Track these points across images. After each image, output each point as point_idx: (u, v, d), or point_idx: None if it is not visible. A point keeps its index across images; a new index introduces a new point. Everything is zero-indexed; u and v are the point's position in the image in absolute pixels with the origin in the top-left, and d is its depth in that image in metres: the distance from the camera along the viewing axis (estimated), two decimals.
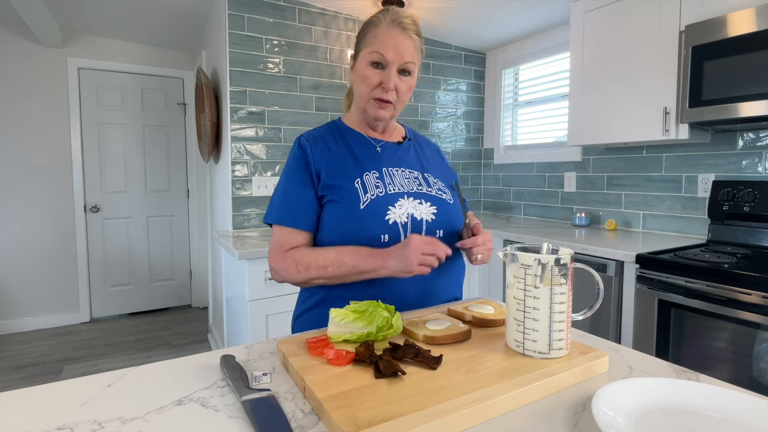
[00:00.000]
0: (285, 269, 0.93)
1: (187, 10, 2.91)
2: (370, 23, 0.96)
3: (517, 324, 0.70)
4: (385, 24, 0.94)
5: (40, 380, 2.67)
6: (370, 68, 0.94)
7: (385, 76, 0.94)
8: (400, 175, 0.99)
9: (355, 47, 1.00)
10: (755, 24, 1.61)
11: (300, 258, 0.91)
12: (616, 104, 2.15)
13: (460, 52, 3.31)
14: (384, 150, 1.02)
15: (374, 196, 0.93)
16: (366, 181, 0.95)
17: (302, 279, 0.92)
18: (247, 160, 2.52)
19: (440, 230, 0.97)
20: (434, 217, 0.96)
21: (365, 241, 0.90)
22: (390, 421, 0.50)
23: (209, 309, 3.33)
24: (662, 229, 2.33)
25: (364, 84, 0.95)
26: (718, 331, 1.50)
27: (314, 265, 0.90)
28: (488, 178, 3.47)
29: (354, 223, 0.91)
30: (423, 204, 0.96)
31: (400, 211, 0.93)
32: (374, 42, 0.93)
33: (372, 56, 0.93)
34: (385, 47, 0.92)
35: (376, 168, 0.98)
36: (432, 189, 1.00)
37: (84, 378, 0.66)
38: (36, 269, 3.48)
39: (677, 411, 0.56)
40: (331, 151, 0.98)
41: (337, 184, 0.94)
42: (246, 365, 0.70)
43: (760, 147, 1.96)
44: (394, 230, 0.92)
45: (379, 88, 0.95)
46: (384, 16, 0.95)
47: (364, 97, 0.97)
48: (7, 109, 3.33)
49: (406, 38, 0.94)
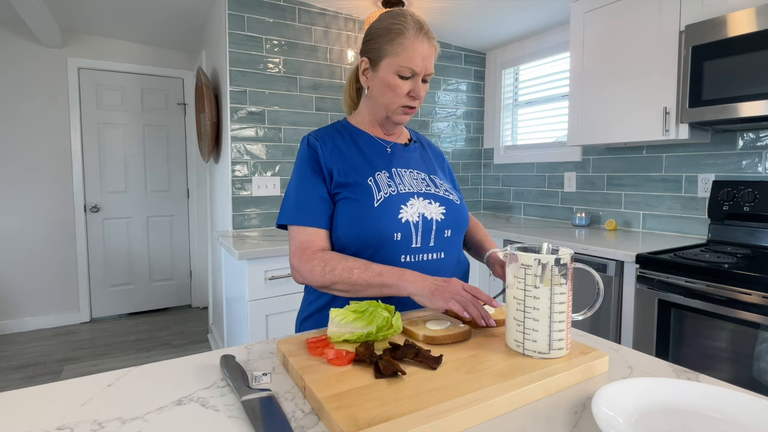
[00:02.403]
0: (310, 270, 0.91)
1: (187, 10, 2.91)
2: (393, 30, 0.93)
3: (517, 324, 0.70)
4: (413, 33, 0.92)
5: (40, 380, 2.67)
6: (397, 78, 0.94)
7: (415, 86, 0.95)
8: (409, 175, 1.00)
9: (373, 52, 0.96)
10: (755, 24, 1.61)
11: (329, 259, 0.90)
12: (616, 104, 2.15)
13: (460, 52, 3.31)
14: (393, 151, 1.03)
15: (387, 194, 0.93)
16: (378, 180, 0.95)
17: (327, 281, 0.89)
18: (247, 160, 2.52)
19: (449, 230, 0.98)
20: (443, 217, 0.97)
21: (378, 239, 0.90)
22: (390, 421, 0.50)
23: (209, 309, 3.33)
24: (662, 229, 2.33)
25: (392, 93, 0.95)
26: (718, 331, 1.50)
27: (341, 266, 0.88)
28: (488, 178, 3.47)
29: (368, 220, 0.91)
30: (432, 204, 0.97)
31: (412, 210, 0.94)
32: (402, 53, 0.92)
33: (403, 70, 0.93)
34: (415, 60, 0.92)
35: (386, 168, 0.98)
36: (439, 190, 1.01)
37: (84, 378, 0.66)
38: (36, 269, 3.48)
39: (677, 411, 0.56)
40: (341, 150, 0.98)
41: (350, 182, 0.94)
42: (246, 365, 0.70)
43: (760, 147, 1.96)
44: (407, 229, 0.92)
45: (407, 97, 0.96)
46: (406, 23, 0.93)
47: (392, 105, 0.97)
48: (7, 109, 3.33)
49: (430, 47, 0.95)
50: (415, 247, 0.94)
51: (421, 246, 0.94)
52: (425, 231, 0.94)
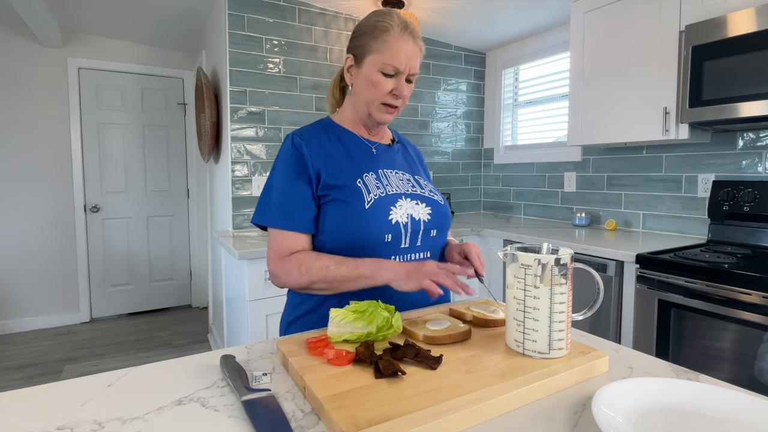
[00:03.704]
0: (287, 273, 0.91)
1: (187, 10, 2.91)
2: (378, 28, 0.93)
3: (517, 324, 0.70)
4: (398, 32, 0.92)
5: (40, 380, 2.67)
6: (380, 75, 0.94)
7: (398, 84, 0.95)
8: (395, 176, 1.00)
9: (358, 48, 0.96)
10: (755, 24, 1.61)
11: (302, 260, 0.90)
12: (616, 104, 2.15)
13: (460, 52, 3.31)
14: (378, 151, 1.03)
15: (377, 196, 0.93)
16: (367, 182, 0.95)
17: (304, 282, 0.90)
18: (247, 160, 2.52)
19: (434, 229, 0.99)
20: (430, 217, 0.98)
21: (369, 241, 0.90)
22: (390, 421, 0.50)
23: (209, 309, 3.33)
24: (662, 229, 2.33)
25: (374, 89, 0.95)
26: (718, 331, 1.50)
27: (316, 265, 0.89)
28: (488, 178, 3.47)
29: (359, 222, 0.90)
30: (419, 204, 0.98)
31: (401, 211, 0.94)
32: (387, 50, 0.92)
33: (386, 67, 0.93)
34: (399, 58, 0.92)
35: (372, 169, 0.98)
36: (424, 190, 1.02)
37: (84, 378, 0.66)
38: (36, 269, 3.48)
39: (677, 411, 0.56)
40: (328, 150, 0.97)
41: (340, 184, 0.93)
42: (246, 365, 0.70)
43: (760, 147, 1.96)
44: (397, 230, 0.92)
45: (390, 95, 0.95)
46: (392, 21, 0.93)
47: (374, 102, 0.96)
48: (7, 109, 3.33)
49: (415, 47, 0.95)
50: (404, 247, 0.94)
51: (409, 246, 0.95)
52: (414, 231, 0.95)
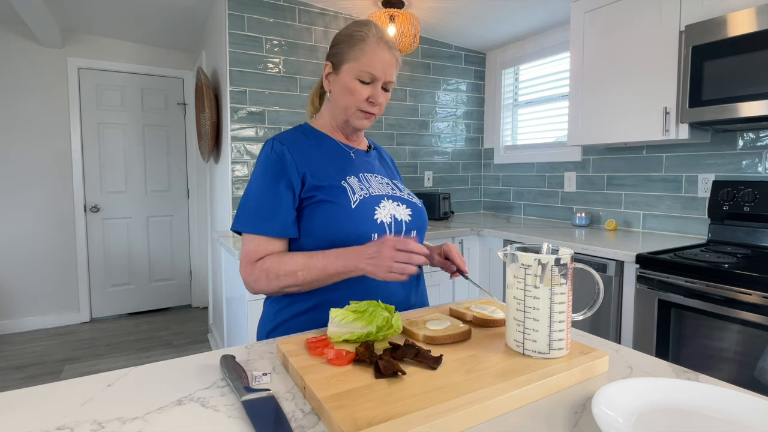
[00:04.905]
0: (255, 281, 0.91)
1: (187, 10, 2.91)
2: (355, 37, 0.96)
3: (517, 324, 0.70)
4: (374, 41, 0.95)
5: (40, 380, 2.67)
6: (357, 82, 0.96)
7: (374, 92, 0.97)
8: (375, 180, 1.03)
9: (336, 56, 0.98)
10: (755, 24, 1.61)
11: (269, 267, 0.90)
12: (616, 104, 2.15)
13: (460, 52, 3.31)
14: (356, 156, 1.05)
15: (362, 197, 0.95)
16: (351, 183, 0.97)
17: (274, 288, 0.91)
18: (247, 160, 2.52)
19: (414, 230, 1.01)
20: (410, 219, 1.00)
21: (355, 241, 0.91)
22: (390, 421, 0.50)
23: (209, 309, 3.33)
24: (662, 229, 2.33)
25: (351, 96, 0.97)
26: (718, 331, 1.50)
27: (283, 271, 0.89)
28: (488, 178, 3.47)
29: (346, 222, 0.91)
30: (400, 206, 1.00)
31: (385, 212, 0.96)
32: (363, 58, 0.95)
33: (362, 75, 0.95)
34: (374, 65, 0.95)
35: (353, 173, 1.00)
36: (403, 193, 1.05)
37: (84, 378, 0.66)
38: (36, 269, 3.48)
39: (677, 411, 0.56)
40: (309, 154, 0.98)
41: (325, 185, 0.94)
42: (246, 365, 0.70)
43: (760, 147, 1.96)
44: (382, 229, 0.94)
45: (366, 102, 0.97)
46: (368, 31, 0.96)
47: (350, 109, 0.98)
48: (7, 109, 3.33)
49: (391, 57, 0.97)
50: None
51: None
52: (396, 232, 0.97)
